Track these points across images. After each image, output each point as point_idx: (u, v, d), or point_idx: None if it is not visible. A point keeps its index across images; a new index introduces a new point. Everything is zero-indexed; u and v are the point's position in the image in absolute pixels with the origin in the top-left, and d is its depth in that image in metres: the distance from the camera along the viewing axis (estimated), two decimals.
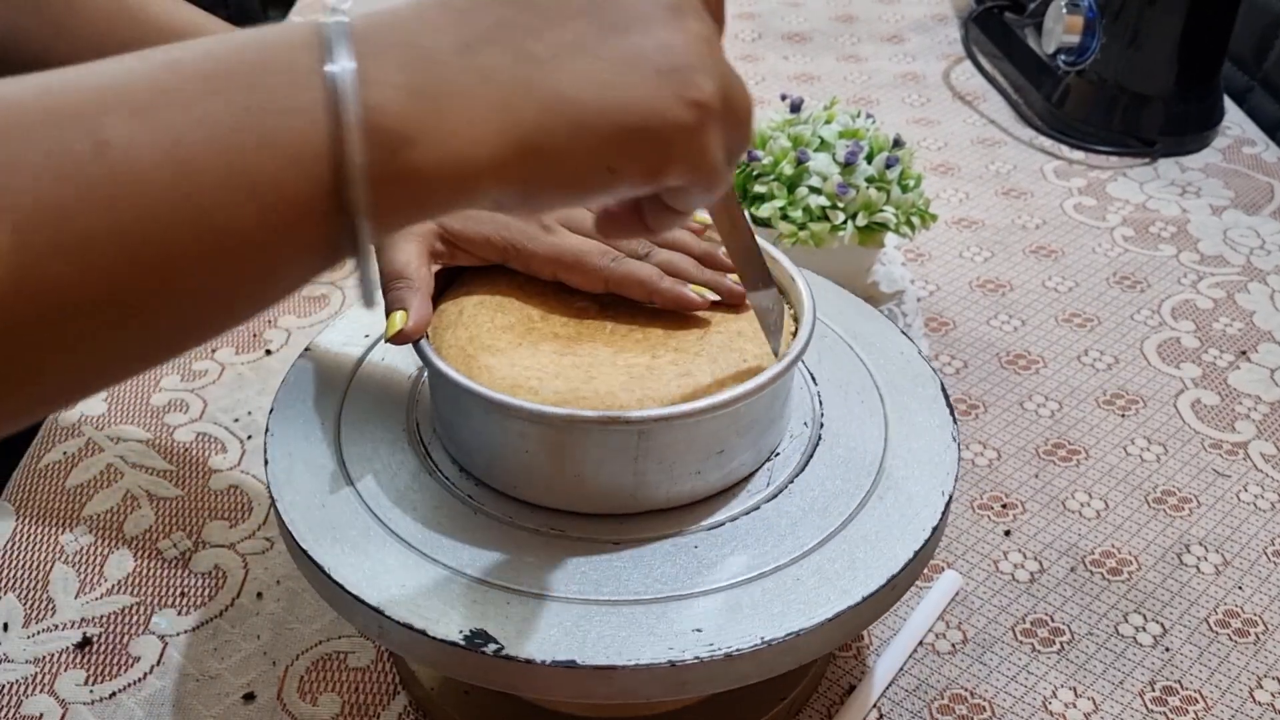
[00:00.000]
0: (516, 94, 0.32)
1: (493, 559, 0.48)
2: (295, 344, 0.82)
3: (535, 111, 0.32)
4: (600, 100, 0.33)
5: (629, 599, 0.46)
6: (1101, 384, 0.79)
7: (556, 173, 0.34)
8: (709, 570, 0.48)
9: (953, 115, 1.13)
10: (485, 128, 0.32)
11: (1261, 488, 0.71)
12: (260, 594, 0.63)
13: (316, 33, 0.31)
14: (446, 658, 0.45)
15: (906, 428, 0.55)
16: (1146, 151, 1.05)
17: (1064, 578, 0.65)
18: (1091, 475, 0.72)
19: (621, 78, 0.33)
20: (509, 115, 0.32)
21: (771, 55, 1.24)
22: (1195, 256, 0.93)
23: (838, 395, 0.57)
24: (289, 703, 0.58)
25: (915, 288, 0.88)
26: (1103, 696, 0.59)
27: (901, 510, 0.50)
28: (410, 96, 0.31)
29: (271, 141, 0.30)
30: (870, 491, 0.51)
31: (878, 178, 0.77)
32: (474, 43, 0.32)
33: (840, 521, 0.50)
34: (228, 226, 0.30)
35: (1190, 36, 1.02)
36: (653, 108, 0.34)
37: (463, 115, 0.32)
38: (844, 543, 0.49)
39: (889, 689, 0.59)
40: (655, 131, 0.34)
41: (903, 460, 0.53)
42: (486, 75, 0.32)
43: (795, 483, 0.52)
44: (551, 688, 0.45)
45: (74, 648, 0.60)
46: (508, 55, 0.33)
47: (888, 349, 0.60)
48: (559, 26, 0.33)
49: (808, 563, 0.48)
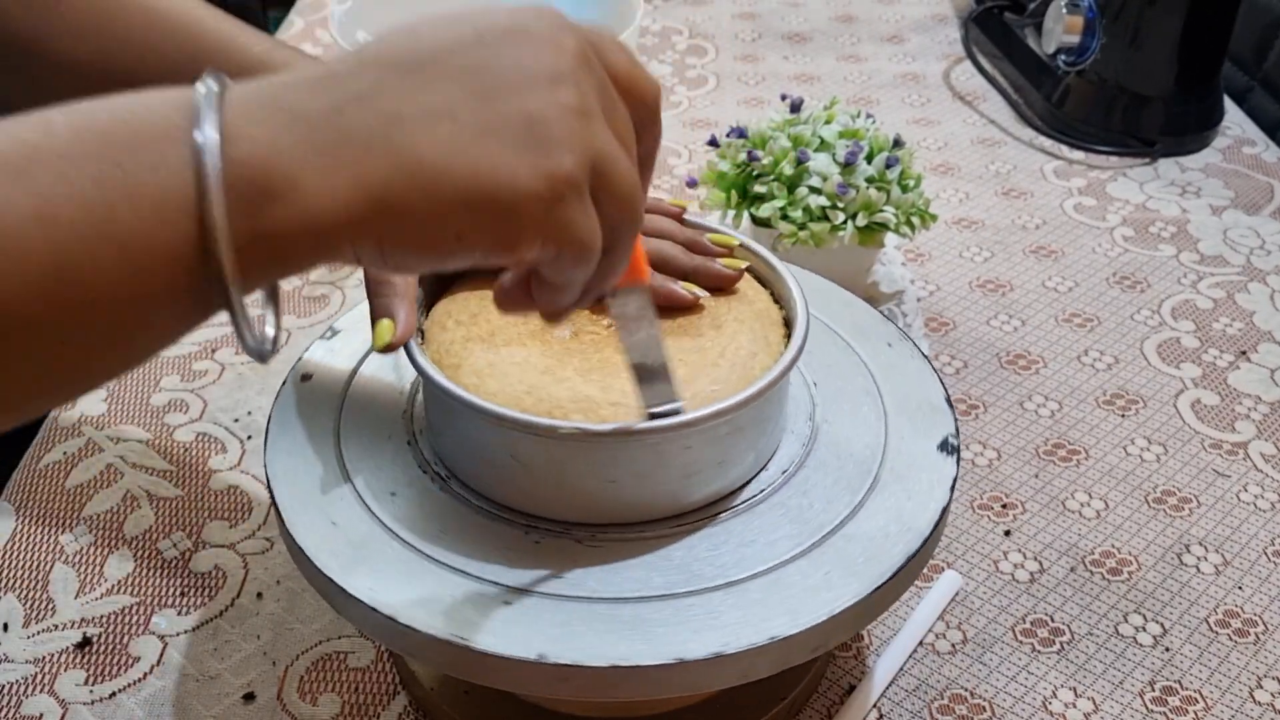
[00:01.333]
0: (374, 153, 0.33)
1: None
2: (296, 344, 0.82)
3: (389, 171, 0.33)
4: (451, 165, 0.34)
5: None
6: (1101, 384, 0.79)
7: (408, 234, 0.34)
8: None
9: (953, 115, 1.13)
10: (340, 184, 0.33)
11: (1261, 488, 0.71)
12: (260, 594, 0.63)
13: (189, 97, 0.32)
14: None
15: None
16: (1146, 151, 1.05)
17: (1064, 578, 0.65)
18: (1091, 475, 0.72)
19: (478, 145, 0.34)
20: (364, 174, 0.33)
21: (771, 55, 1.24)
22: (1195, 256, 0.93)
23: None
24: (289, 703, 0.58)
25: (915, 288, 0.88)
26: (1103, 696, 0.59)
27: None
28: (272, 154, 0.32)
29: (139, 198, 0.31)
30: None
31: (878, 178, 0.77)
32: (344, 105, 0.33)
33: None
34: (96, 282, 0.31)
35: (1190, 36, 1.02)
36: (503, 177, 0.34)
37: (321, 172, 0.33)
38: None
39: (889, 689, 0.59)
40: (504, 202, 0.34)
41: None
42: (348, 135, 0.33)
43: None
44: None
45: (74, 648, 0.60)
46: (374, 116, 0.33)
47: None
48: (431, 90, 0.34)
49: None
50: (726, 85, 1.18)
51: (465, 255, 0.35)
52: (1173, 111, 1.06)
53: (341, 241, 0.33)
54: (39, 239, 0.30)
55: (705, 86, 1.18)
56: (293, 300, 0.86)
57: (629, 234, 0.38)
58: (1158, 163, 1.05)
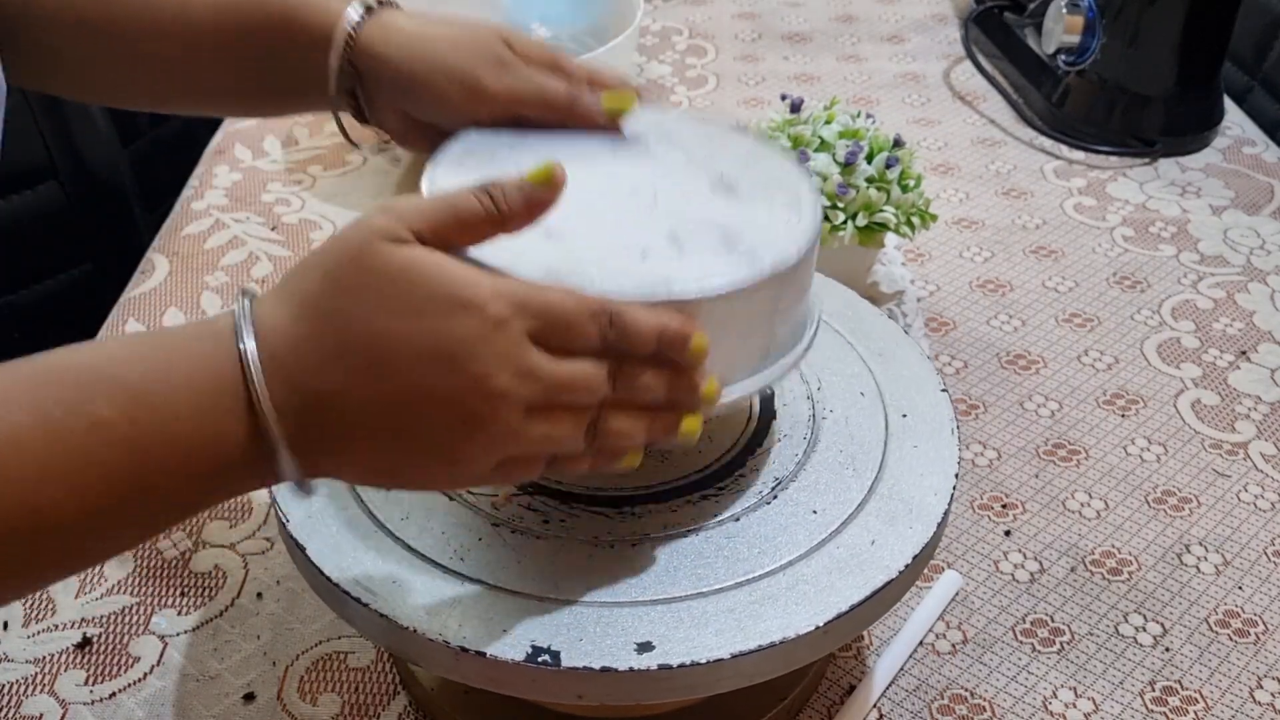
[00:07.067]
0: (332, 458, 0.41)
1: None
2: None
3: (340, 469, 0.42)
4: (393, 481, 0.43)
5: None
6: (1101, 384, 0.79)
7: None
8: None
9: (953, 115, 1.13)
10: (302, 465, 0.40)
11: (1261, 488, 0.71)
12: (260, 594, 0.63)
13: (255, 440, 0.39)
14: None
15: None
16: (1146, 151, 1.05)
17: (1064, 578, 0.65)
18: (1091, 475, 0.72)
19: (414, 467, 0.41)
20: (320, 470, 0.41)
21: (771, 55, 1.24)
22: (1195, 256, 0.92)
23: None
24: (289, 703, 0.58)
25: (915, 288, 0.88)
26: (1103, 696, 0.59)
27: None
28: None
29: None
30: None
31: (878, 178, 0.77)
32: (311, 403, 0.39)
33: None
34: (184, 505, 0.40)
35: (1190, 36, 1.02)
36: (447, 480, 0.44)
37: (293, 453, 0.39)
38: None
39: (889, 689, 0.59)
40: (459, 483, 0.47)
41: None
42: (319, 438, 0.40)
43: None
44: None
45: (74, 648, 0.60)
46: (334, 424, 0.40)
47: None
48: (384, 414, 0.39)
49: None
50: (726, 85, 1.18)
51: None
52: (1173, 111, 1.06)
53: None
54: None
55: (705, 86, 1.18)
56: None
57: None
58: (1158, 163, 1.05)
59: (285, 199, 0.98)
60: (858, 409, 0.56)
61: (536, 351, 0.40)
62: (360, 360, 0.39)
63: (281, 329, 0.39)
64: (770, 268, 0.45)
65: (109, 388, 0.37)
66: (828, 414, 0.56)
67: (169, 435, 0.37)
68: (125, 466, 0.37)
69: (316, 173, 1.01)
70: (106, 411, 0.36)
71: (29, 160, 1.13)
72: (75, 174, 1.17)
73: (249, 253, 0.91)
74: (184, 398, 0.37)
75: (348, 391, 0.39)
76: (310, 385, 0.38)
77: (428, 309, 0.39)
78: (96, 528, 0.37)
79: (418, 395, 0.39)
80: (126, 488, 0.37)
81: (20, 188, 1.13)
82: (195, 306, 0.85)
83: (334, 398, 0.39)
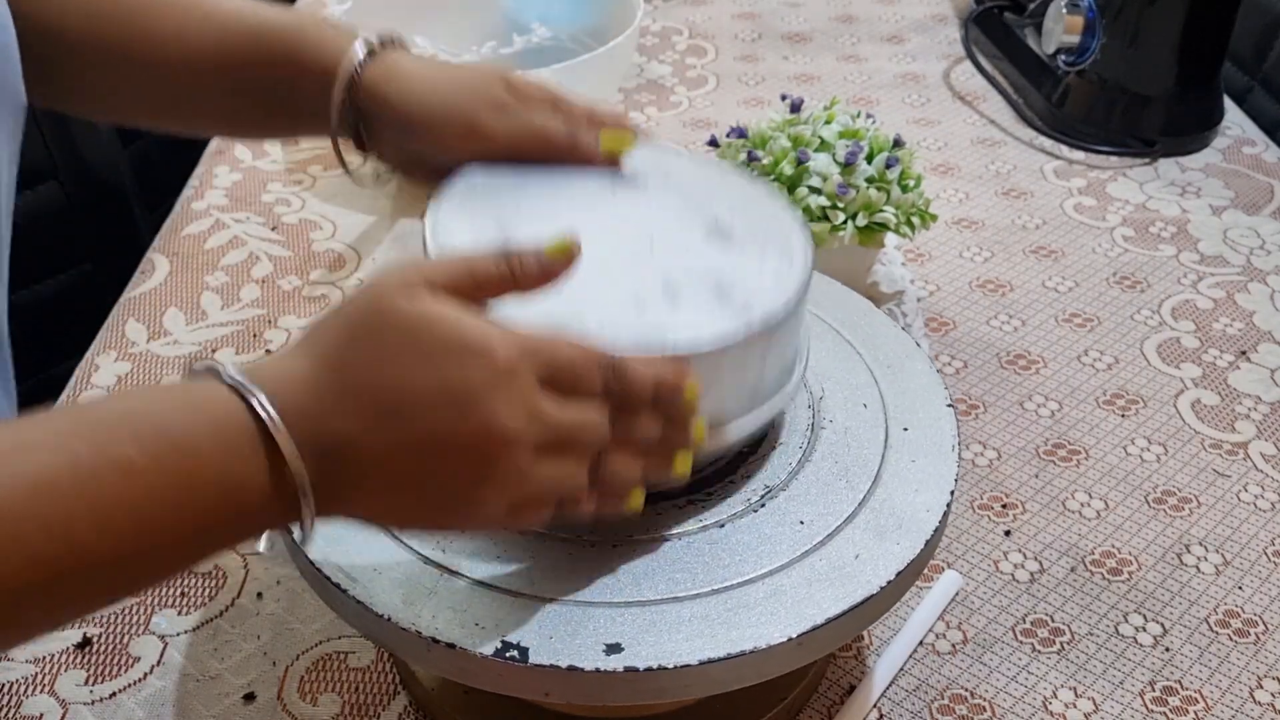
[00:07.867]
0: (346, 503, 0.42)
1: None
2: None
3: (355, 511, 0.43)
4: (405, 526, 0.47)
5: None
6: (1101, 384, 0.79)
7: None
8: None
9: (953, 115, 1.13)
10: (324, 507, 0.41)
11: (1261, 488, 0.71)
12: (260, 594, 0.63)
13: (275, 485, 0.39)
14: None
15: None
16: (1146, 151, 1.05)
17: (1064, 578, 0.65)
18: (1091, 475, 0.72)
19: (427, 514, 0.43)
20: (337, 509, 0.42)
21: (771, 55, 1.24)
22: (1195, 256, 0.93)
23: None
24: (289, 703, 0.58)
25: (915, 288, 0.88)
26: (1103, 697, 0.59)
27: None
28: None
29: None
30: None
31: (878, 178, 0.77)
32: (328, 449, 0.40)
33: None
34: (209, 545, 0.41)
35: (1190, 36, 1.02)
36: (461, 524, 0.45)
37: (318, 499, 0.40)
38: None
39: (889, 689, 0.59)
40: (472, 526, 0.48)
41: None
42: (334, 486, 0.41)
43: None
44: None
45: (74, 648, 0.60)
46: (349, 470, 0.40)
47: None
48: (395, 460, 0.40)
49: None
50: (726, 85, 1.18)
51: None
52: (1173, 111, 1.06)
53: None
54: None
55: (705, 86, 1.18)
56: (293, 300, 0.86)
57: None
58: (1158, 163, 1.05)
59: (285, 199, 0.98)
60: (859, 420, 0.56)
61: (544, 396, 0.41)
62: (377, 406, 0.40)
63: (302, 376, 0.40)
64: (760, 322, 0.47)
65: (136, 431, 0.38)
66: (827, 423, 0.55)
67: (197, 479, 0.38)
68: (153, 509, 0.37)
69: (316, 173, 1.01)
70: (134, 454, 0.37)
71: (29, 160, 1.13)
72: (75, 174, 1.17)
73: (249, 253, 0.91)
74: (210, 444, 0.38)
75: (365, 435, 0.40)
76: (329, 428, 0.40)
77: (440, 356, 0.40)
78: (125, 568, 0.38)
79: (432, 440, 0.40)
80: (155, 529, 0.37)
81: (20, 188, 1.13)
82: (195, 307, 0.85)
83: (352, 441, 0.40)
